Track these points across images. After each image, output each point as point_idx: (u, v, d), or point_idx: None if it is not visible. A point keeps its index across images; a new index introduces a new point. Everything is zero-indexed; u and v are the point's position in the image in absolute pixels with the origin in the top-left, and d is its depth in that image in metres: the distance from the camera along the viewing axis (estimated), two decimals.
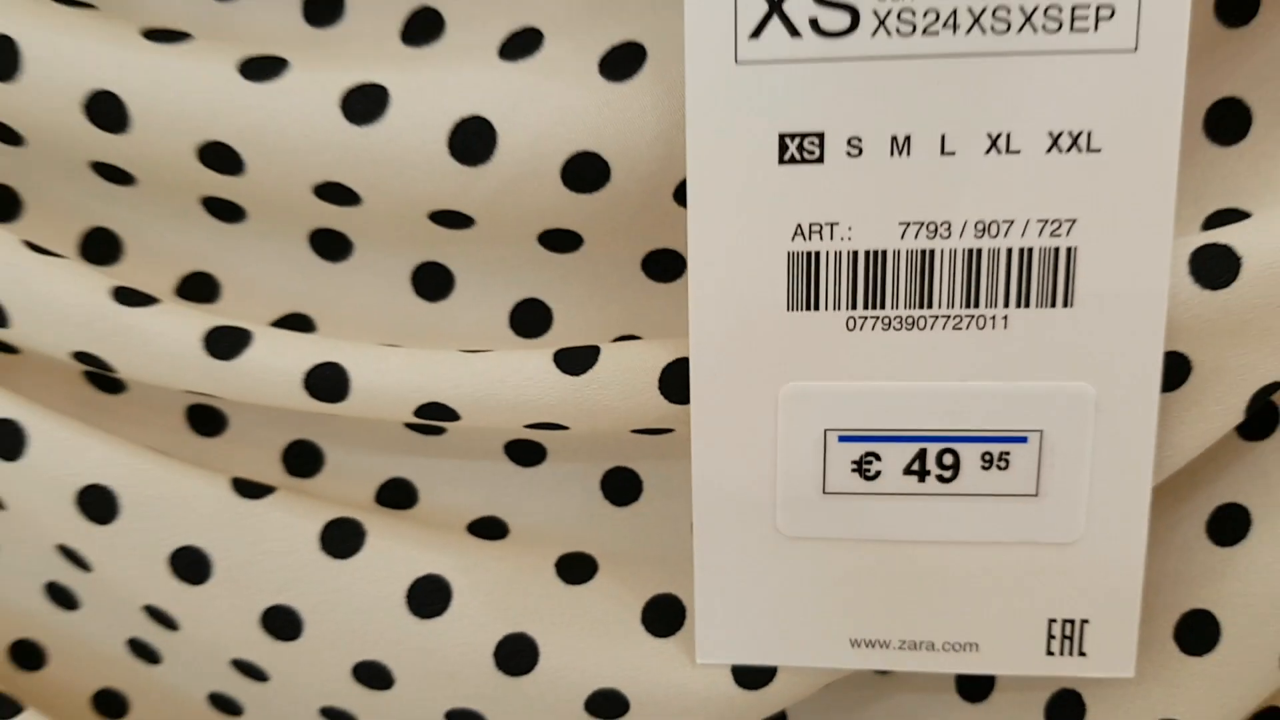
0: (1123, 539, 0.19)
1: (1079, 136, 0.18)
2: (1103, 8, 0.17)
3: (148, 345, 0.19)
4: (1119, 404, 0.19)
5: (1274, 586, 0.20)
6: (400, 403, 0.19)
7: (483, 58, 0.19)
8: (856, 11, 0.17)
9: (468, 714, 0.21)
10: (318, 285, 0.21)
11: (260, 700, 0.23)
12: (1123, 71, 0.17)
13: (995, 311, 0.18)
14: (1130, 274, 0.18)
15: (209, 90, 0.18)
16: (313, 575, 0.20)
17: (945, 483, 0.19)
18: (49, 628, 0.23)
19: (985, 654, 0.20)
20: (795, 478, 0.19)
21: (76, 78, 0.19)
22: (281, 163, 0.19)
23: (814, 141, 0.18)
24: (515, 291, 0.21)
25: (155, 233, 0.21)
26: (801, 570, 0.20)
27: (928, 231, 0.18)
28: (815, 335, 0.18)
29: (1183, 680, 0.21)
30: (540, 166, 0.18)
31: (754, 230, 0.18)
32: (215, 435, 0.22)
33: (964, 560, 0.19)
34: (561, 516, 0.22)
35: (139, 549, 0.20)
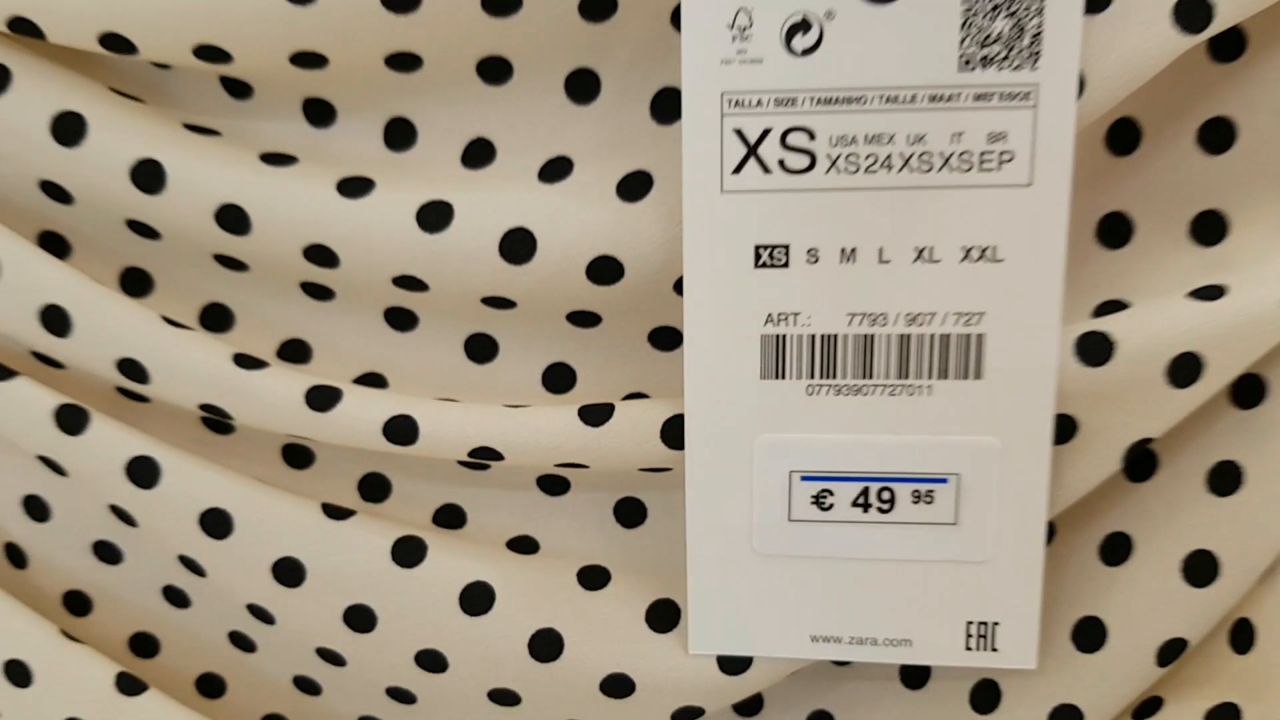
0: (1025, 559, 0.24)
1: (986, 250, 0.23)
2: (1004, 153, 0.22)
3: (261, 400, 0.25)
4: (1020, 454, 0.24)
5: (1151, 600, 0.25)
6: (457, 447, 0.25)
7: (526, 180, 0.24)
8: (814, 155, 0.22)
9: (507, 693, 0.26)
10: (390, 350, 0.27)
11: (337, 682, 0.28)
12: (1020, 201, 0.22)
13: (922, 382, 0.23)
14: (1027, 354, 0.23)
15: (313, 204, 0.24)
16: (385, 581, 0.26)
17: (884, 513, 0.24)
18: (164, 623, 0.29)
19: (917, 648, 0.25)
20: (767, 508, 0.24)
21: (209, 193, 0.24)
22: (369, 261, 0.24)
23: (781, 251, 0.23)
24: (547, 357, 0.26)
25: (261, 308, 0.26)
26: (772, 581, 0.25)
27: (869, 321, 0.23)
28: (782, 398, 0.24)
29: (1078, 672, 0.26)
30: (570, 266, 0.24)
31: (735, 317, 0.23)
32: (305, 469, 0.27)
33: (899, 574, 0.25)
34: (582, 536, 0.27)
35: (247, 559, 0.26)
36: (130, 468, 0.25)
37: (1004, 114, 0.22)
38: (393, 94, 0.25)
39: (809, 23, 0.22)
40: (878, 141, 0.22)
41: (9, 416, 0.26)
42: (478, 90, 0.24)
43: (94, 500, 0.27)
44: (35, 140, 0.24)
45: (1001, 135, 0.22)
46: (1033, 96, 0.22)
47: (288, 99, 0.25)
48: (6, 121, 0.24)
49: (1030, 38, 0.22)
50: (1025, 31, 0.22)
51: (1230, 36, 0.24)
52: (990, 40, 0.22)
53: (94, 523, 0.28)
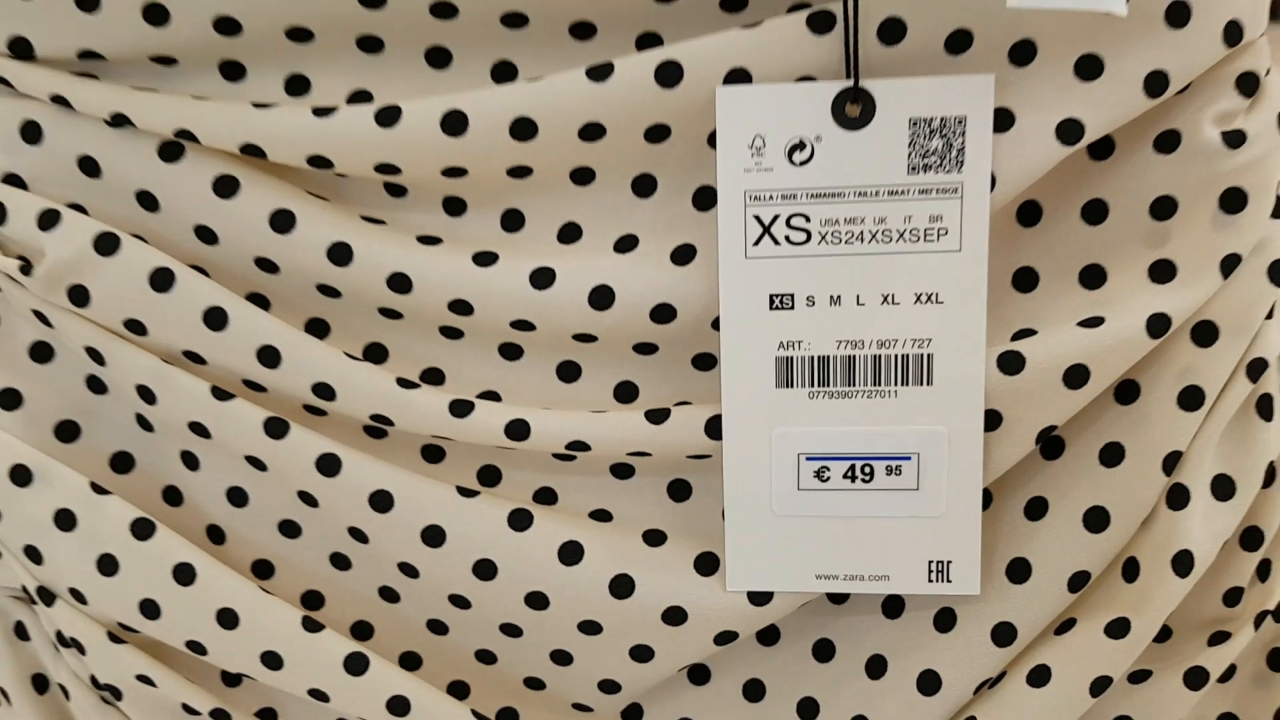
0: (968, 515, 0.34)
1: (931, 295, 0.32)
2: (941, 229, 0.32)
3: (417, 411, 0.34)
4: (961, 439, 0.33)
5: (1062, 544, 0.35)
6: (557, 441, 0.34)
7: (606, 252, 0.34)
8: (809, 232, 0.32)
9: (592, 624, 0.36)
10: (501, 374, 0.36)
11: (461, 623, 0.38)
12: (954, 262, 0.32)
13: (890, 388, 0.33)
14: (963, 368, 0.33)
15: (456, 271, 0.33)
16: (503, 541, 0.35)
17: (866, 483, 0.34)
18: (330, 582, 0.38)
19: (893, 581, 0.35)
20: (782, 482, 0.34)
21: (383, 264, 0.34)
22: (495, 310, 0.34)
23: (789, 298, 0.33)
24: (617, 377, 0.36)
25: (408, 345, 0.36)
26: (787, 534, 0.34)
27: (851, 346, 0.33)
28: (791, 402, 0.33)
29: (1012, 599, 0.35)
30: (638, 312, 0.33)
31: (756, 345, 0.33)
32: (438, 463, 0.37)
33: (878, 527, 0.34)
34: (644, 508, 0.37)
35: (402, 527, 0.35)
36: (319, 462, 0.35)
37: (940, 203, 0.32)
38: (509, 193, 0.34)
39: (804, 143, 0.32)
40: (853, 223, 0.32)
41: (228, 428, 0.35)
42: (570, 190, 0.34)
43: (284, 488, 0.36)
44: (258, 229, 0.34)
45: (939, 217, 0.32)
46: (959, 191, 0.32)
47: (433, 197, 0.35)
48: (236, 216, 0.34)
49: (956, 151, 0.31)
50: (953, 147, 0.31)
51: (1103, 142, 0.33)
52: (929, 154, 0.31)
53: (281, 506, 0.37)
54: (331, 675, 0.36)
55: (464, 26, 0.33)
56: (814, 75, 0.32)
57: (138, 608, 0.36)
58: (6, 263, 0.35)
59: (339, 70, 0.34)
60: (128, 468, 0.37)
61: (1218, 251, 0.33)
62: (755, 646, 0.38)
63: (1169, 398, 0.34)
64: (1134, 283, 0.34)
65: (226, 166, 0.34)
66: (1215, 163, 0.33)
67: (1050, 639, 0.35)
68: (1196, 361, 0.34)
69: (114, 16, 0.33)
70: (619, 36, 0.33)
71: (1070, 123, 0.32)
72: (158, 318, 0.34)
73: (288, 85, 0.34)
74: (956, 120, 0.31)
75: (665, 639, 0.36)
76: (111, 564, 0.36)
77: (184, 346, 0.35)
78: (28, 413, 0.37)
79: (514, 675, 0.38)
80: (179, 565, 0.36)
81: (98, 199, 0.35)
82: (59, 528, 0.36)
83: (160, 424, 0.37)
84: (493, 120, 0.32)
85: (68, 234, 0.34)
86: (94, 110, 0.33)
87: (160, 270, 0.34)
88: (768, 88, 0.31)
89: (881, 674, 0.37)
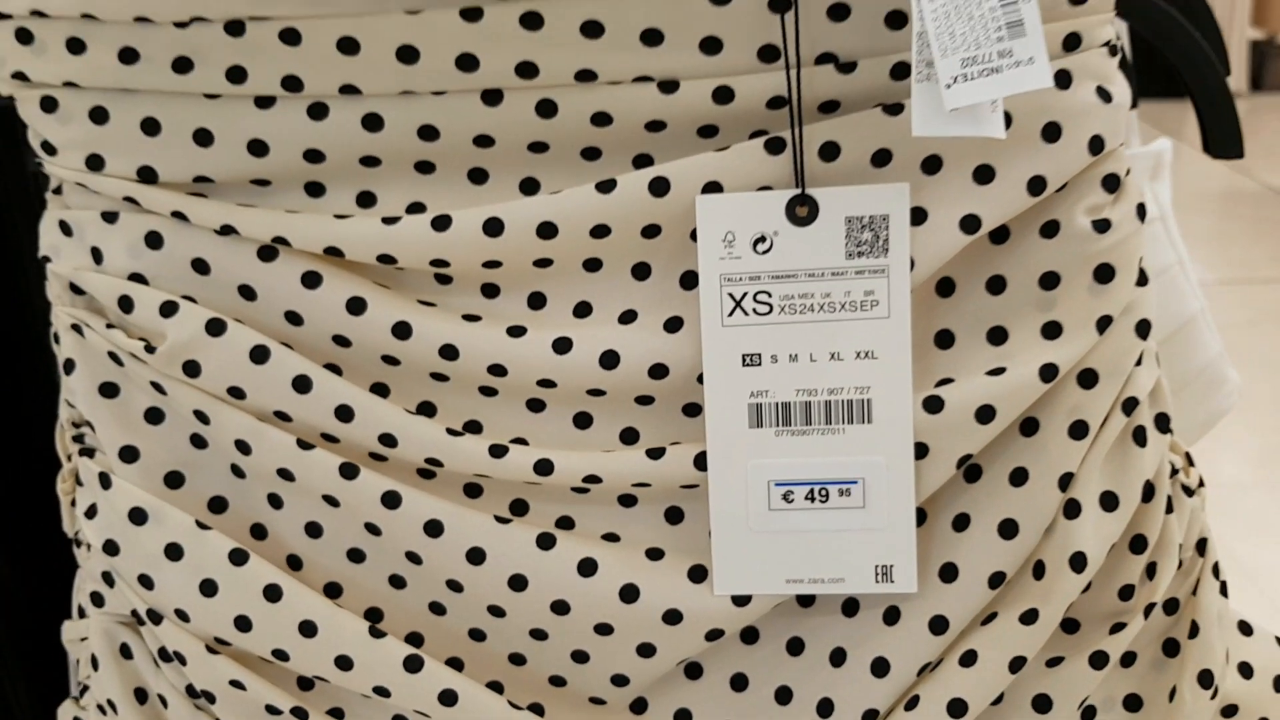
0: (905, 527, 0.42)
1: (869, 352, 0.41)
2: (874, 301, 0.41)
3: (464, 454, 0.43)
4: (897, 466, 0.42)
5: (982, 550, 0.43)
6: (575, 476, 0.43)
7: (612, 324, 0.43)
8: (772, 305, 0.41)
9: (606, 626, 0.44)
10: (529, 424, 0.44)
11: (497, 630, 0.46)
12: (885, 327, 0.41)
13: (839, 427, 0.42)
14: (895, 409, 0.42)
15: (495, 342, 0.42)
16: (532, 559, 0.43)
17: (823, 503, 0.42)
18: (388, 600, 0.46)
19: (848, 583, 0.43)
20: (756, 504, 0.42)
21: (435, 338, 0.42)
22: (525, 373, 0.42)
23: (758, 357, 0.42)
24: (622, 423, 0.44)
25: (454, 402, 0.44)
26: (761, 547, 0.43)
27: (807, 394, 0.42)
28: (762, 440, 0.42)
29: (944, 596, 0.43)
30: (639, 370, 0.42)
31: (733, 394, 0.42)
32: (476, 498, 0.45)
33: (834, 539, 0.43)
34: (646, 531, 0.45)
35: (451, 549, 0.43)
36: (383, 497, 0.43)
37: (872, 281, 0.41)
38: (535, 279, 0.43)
39: (765, 237, 0.41)
40: (805, 297, 0.41)
41: (309, 472, 0.44)
42: (583, 275, 0.43)
43: (353, 521, 0.45)
44: (336, 313, 0.43)
45: (871, 292, 0.41)
46: (886, 272, 0.41)
47: (474, 284, 0.44)
48: (319, 302, 0.43)
49: (882, 241, 0.41)
50: (880, 238, 0.41)
51: (1000, 230, 0.43)
52: (861, 244, 0.41)
53: (350, 536, 0.45)
54: (392, 674, 0.44)
55: (499, 152, 0.42)
56: (771, 185, 0.41)
57: (232, 623, 0.44)
58: (132, 344, 0.43)
59: (400, 187, 0.43)
60: (223, 509, 0.46)
61: (1094, 313, 0.42)
62: (739, 645, 0.46)
63: (1061, 430, 0.43)
64: (1029, 340, 0.43)
65: (311, 264, 0.43)
66: (1088, 245, 0.42)
67: (977, 628, 0.44)
68: (1082, 401, 0.42)
69: (224, 150, 0.42)
70: (620, 157, 0.42)
71: (970, 217, 0.41)
72: (255, 385, 0.43)
73: (359, 199, 0.43)
74: (882, 218, 0.40)
75: (665, 637, 0.44)
76: (211, 587, 0.44)
77: (275, 407, 0.43)
78: (143, 465, 0.45)
79: (541, 674, 0.46)
80: (268, 586, 0.44)
81: (207, 292, 0.43)
82: (168, 558, 0.44)
83: (252, 471, 0.45)
84: (522, 224, 0.41)
85: (184, 320, 0.43)
86: (205, 222, 0.42)
87: (258, 347, 0.43)
88: (736, 196, 0.41)
89: (842, 663, 0.45)
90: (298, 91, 0.41)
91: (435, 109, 0.41)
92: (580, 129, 0.41)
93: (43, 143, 0.43)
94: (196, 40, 0.40)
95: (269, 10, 0.40)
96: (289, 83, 0.41)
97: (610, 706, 0.46)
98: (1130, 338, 0.43)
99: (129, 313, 0.43)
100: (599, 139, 0.42)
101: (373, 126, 0.41)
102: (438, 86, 0.41)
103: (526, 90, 0.41)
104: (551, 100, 0.41)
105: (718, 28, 0.39)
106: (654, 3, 0.39)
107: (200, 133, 0.42)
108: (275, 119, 0.41)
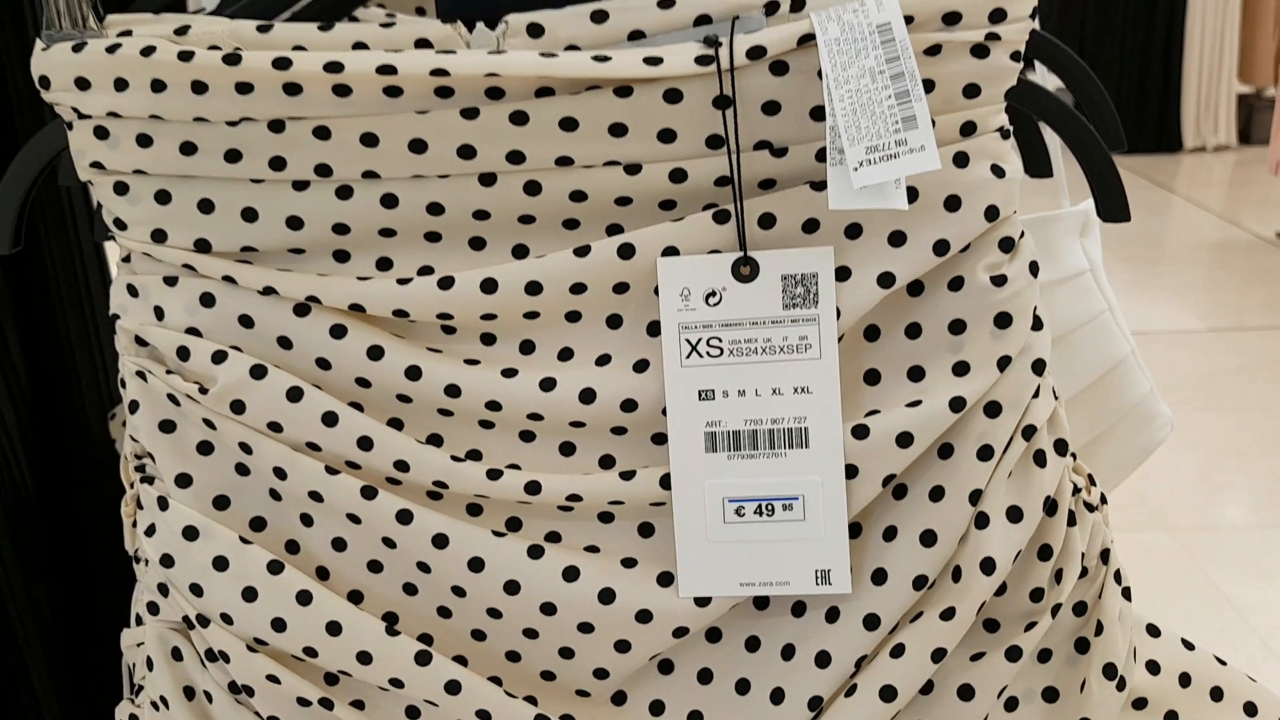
0: (839, 537, 0.50)
1: (804, 388, 0.49)
2: (808, 345, 0.49)
3: (466, 477, 0.50)
4: (830, 485, 0.50)
5: (907, 557, 0.50)
6: (560, 495, 0.50)
7: (589, 366, 0.51)
8: (723, 349, 0.49)
9: (587, 625, 0.51)
10: (520, 452, 0.52)
11: (495, 630, 0.53)
12: (817, 367, 0.49)
13: (780, 451, 0.50)
14: (827, 436, 0.49)
15: (492, 382, 0.50)
16: (524, 567, 0.51)
17: (770, 517, 0.50)
18: (401, 605, 0.53)
19: (793, 586, 0.50)
20: (713, 518, 0.50)
21: (441, 380, 0.50)
22: (517, 408, 0.50)
23: (711, 392, 0.49)
24: (600, 451, 0.52)
25: (463, 435, 0.52)
26: (718, 555, 0.50)
27: (754, 423, 0.49)
28: (716, 463, 0.50)
29: (875, 596, 0.51)
30: (612, 404, 0.50)
31: (690, 424, 0.50)
32: (478, 515, 0.53)
33: (780, 548, 0.50)
34: (621, 543, 0.52)
35: (456, 559, 0.51)
36: (398, 515, 0.51)
37: (805, 328, 0.49)
38: (525, 329, 0.51)
39: (715, 292, 0.49)
40: (750, 342, 0.49)
41: (335, 494, 0.51)
42: (565, 325, 0.51)
43: (373, 536, 0.52)
44: (358, 358, 0.51)
45: (805, 337, 0.49)
46: (817, 320, 0.49)
47: (474, 333, 0.52)
48: (344, 350, 0.51)
49: (813, 295, 0.49)
50: (810, 292, 0.49)
51: (915, 284, 0.51)
52: (795, 297, 0.49)
53: (369, 549, 0.53)
54: (406, 668, 0.51)
55: (494, 224, 0.51)
56: (719, 249, 0.49)
57: (270, 625, 0.52)
58: (188, 387, 0.52)
59: (412, 254, 0.51)
60: (262, 527, 0.54)
61: (996, 354, 0.50)
62: (704, 643, 0.53)
63: (971, 453, 0.50)
64: (942, 377, 0.50)
65: (338, 318, 0.51)
66: (989, 296, 0.50)
67: (905, 624, 0.51)
68: (988, 428, 0.50)
69: (266, 225, 0.50)
70: (595, 227, 0.51)
71: (886, 274, 0.49)
72: (290, 420, 0.51)
73: (378, 264, 0.51)
74: (812, 275, 0.49)
75: (639, 634, 0.51)
76: (252, 593, 0.52)
77: (307, 439, 0.51)
78: (195, 490, 0.53)
79: (533, 669, 0.53)
80: (300, 592, 0.52)
81: (251, 342, 0.52)
82: (216, 569, 0.52)
83: (287, 494, 0.53)
84: (514, 283, 0.50)
85: (232, 366, 0.51)
86: (250, 284, 0.51)
87: (293, 388, 0.51)
88: (690, 258, 0.49)
89: (791, 657, 0.52)
90: (328, 176, 0.50)
91: (441, 189, 0.50)
92: (561, 204, 0.50)
93: (115, 219, 0.52)
94: (244, 136, 0.49)
95: (305, 112, 0.48)
96: (321, 169, 0.49)
97: (594, 698, 0.54)
98: (1028, 374, 0.50)
99: (186, 360, 0.52)
100: (577, 212, 0.50)
101: (389, 204, 0.50)
102: (443, 171, 0.49)
103: (516, 173, 0.49)
104: (537, 181, 0.49)
105: (672, 121, 0.48)
106: (619, 102, 0.48)
107: (247, 210, 0.50)
108: (309, 199, 0.50)
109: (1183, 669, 0.55)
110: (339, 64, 0.47)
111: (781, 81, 0.48)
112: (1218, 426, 2.06)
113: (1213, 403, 2.14)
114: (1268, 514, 1.89)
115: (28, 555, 0.99)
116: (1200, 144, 4.13)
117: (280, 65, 0.47)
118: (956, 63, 0.48)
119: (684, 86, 0.47)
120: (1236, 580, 1.70)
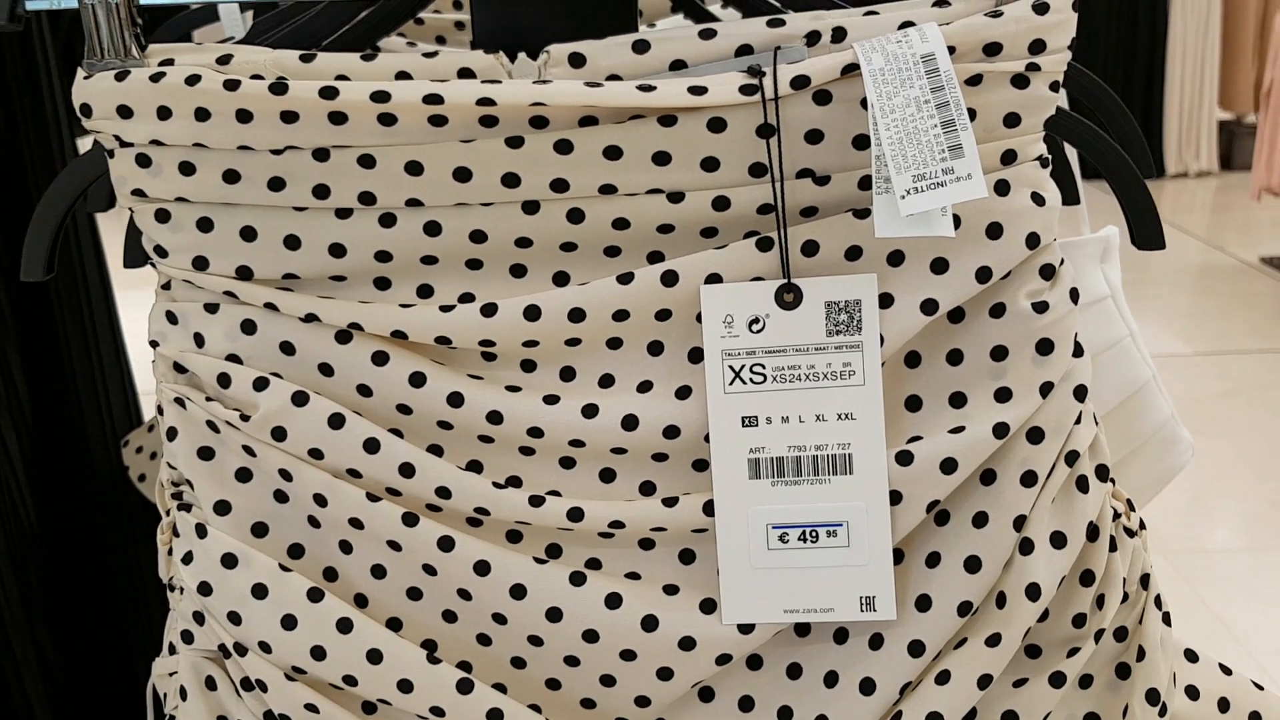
0: (884, 563, 0.50)
1: (849, 414, 0.49)
2: (851, 371, 0.49)
3: (509, 504, 0.50)
4: (875, 511, 0.50)
5: (952, 583, 0.50)
6: (601, 523, 0.50)
7: (631, 393, 0.51)
8: (766, 375, 0.49)
9: (630, 652, 0.51)
10: (560, 479, 0.52)
11: (536, 658, 0.52)
12: (861, 393, 0.49)
13: (825, 478, 0.50)
14: (871, 462, 0.49)
15: (535, 408, 0.50)
16: (566, 594, 0.51)
17: (814, 543, 0.50)
18: (440, 632, 0.53)
19: (837, 612, 0.50)
20: (757, 544, 0.50)
21: (483, 406, 0.50)
22: (560, 434, 0.50)
23: (755, 419, 0.50)
24: (641, 478, 0.52)
25: (503, 462, 0.52)
26: (762, 582, 0.50)
27: (798, 449, 0.50)
28: (760, 489, 0.50)
29: (920, 623, 0.51)
30: (654, 430, 0.50)
31: (735, 451, 0.50)
32: (518, 542, 0.53)
33: (824, 574, 0.50)
34: (663, 570, 0.52)
35: (497, 587, 0.51)
36: (439, 542, 0.51)
37: (848, 355, 0.49)
38: (566, 356, 0.51)
39: (759, 319, 0.49)
40: (794, 369, 0.49)
41: (376, 521, 0.51)
42: (607, 352, 0.51)
43: (413, 563, 0.52)
44: (400, 385, 0.50)
45: (849, 364, 0.49)
46: (860, 347, 0.49)
47: (515, 360, 0.52)
48: (386, 377, 0.51)
49: (856, 321, 0.49)
50: (854, 319, 0.49)
51: (956, 311, 0.51)
52: (839, 324, 0.49)
53: (409, 576, 0.53)
54: (447, 696, 0.51)
55: (536, 251, 0.51)
56: (762, 276, 0.49)
57: (309, 653, 0.51)
58: (229, 414, 0.51)
59: (454, 281, 0.51)
60: (300, 554, 0.53)
61: (1038, 380, 0.50)
62: (745, 670, 0.53)
63: (1015, 479, 0.50)
64: (984, 403, 0.51)
65: (380, 345, 0.51)
66: (1030, 323, 0.50)
67: (950, 651, 0.51)
68: (1031, 454, 0.50)
69: (309, 252, 0.50)
70: (637, 254, 0.51)
71: (929, 301, 0.49)
72: (332, 447, 0.51)
73: (420, 291, 0.51)
74: (855, 302, 0.49)
75: (681, 661, 0.51)
76: (291, 621, 0.51)
77: (348, 466, 0.51)
78: (234, 517, 0.53)
79: (574, 697, 0.53)
80: (340, 619, 0.51)
81: (292, 369, 0.52)
82: (254, 597, 0.52)
83: (327, 521, 0.53)
84: (556, 310, 0.50)
85: (274, 394, 0.51)
86: (292, 311, 0.51)
87: (335, 415, 0.51)
88: (733, 285, 0.49)
89: (835, 684, 0.52)
90: (371, 205, 0.50)
91: (484, 217, 0.50)
92: (603, 232, 0.50)
93: (155, 246, 0.52)
94: (288, 164, 0.49)
95: (350, 140, 0.48)
96: (364, 197, 0.49)
97: None
98: (1070, 400, 0.51)
99: (226, 388, 0.51)
100: (619, 239, 0.50)
101: (432, 232, 0.50)
102: (486, 199, 0.49)
103: (559, 201, 0.49)
104: (580, 209, 0.50)
105: (716, 150, 0.48)
106: (663, 131, 0.48)
107: (289, 238, 0.50)
108: (352, 227, 0.50)
109: (1221, 694, 0.55)
110: (385, 93, 0.47)
111: (824, 110, 0.48)
112: (1207, 450, 2.08)
113: (1202, 427, 2.16)
114: (1258, 537, 1.90)
115: (28, 581, 0.98)
116: (1183, 170, 4.19)
117: (327, 94, 0.47)
118: (997, 92, 0.48)
119: (728, 116, 0.48)
120: (1229, 603, 1.71)
